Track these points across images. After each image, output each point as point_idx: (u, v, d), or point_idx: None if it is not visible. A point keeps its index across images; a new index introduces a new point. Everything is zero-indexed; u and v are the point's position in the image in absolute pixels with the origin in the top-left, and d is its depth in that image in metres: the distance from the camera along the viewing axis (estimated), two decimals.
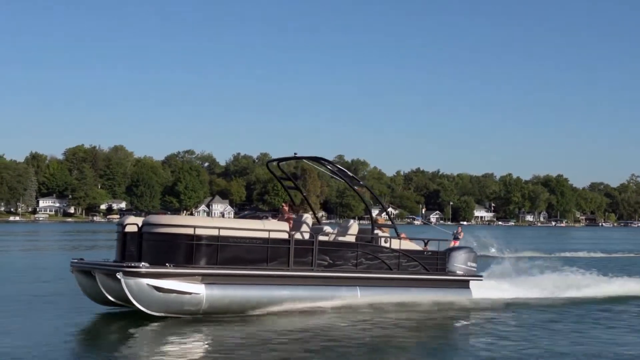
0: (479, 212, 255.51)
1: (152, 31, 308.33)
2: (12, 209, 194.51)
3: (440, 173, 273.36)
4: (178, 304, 16.76)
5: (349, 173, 20.34)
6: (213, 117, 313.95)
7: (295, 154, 20.41)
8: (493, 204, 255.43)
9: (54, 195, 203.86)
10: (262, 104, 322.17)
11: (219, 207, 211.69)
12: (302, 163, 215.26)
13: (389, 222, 21.21)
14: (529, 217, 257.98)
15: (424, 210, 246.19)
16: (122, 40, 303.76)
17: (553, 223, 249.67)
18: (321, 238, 18.80)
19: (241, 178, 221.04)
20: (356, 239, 19.63)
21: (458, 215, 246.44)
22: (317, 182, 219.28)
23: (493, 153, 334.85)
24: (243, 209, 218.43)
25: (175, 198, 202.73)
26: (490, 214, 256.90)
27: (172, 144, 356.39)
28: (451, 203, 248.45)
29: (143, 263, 16.53)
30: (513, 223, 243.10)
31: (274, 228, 18.03)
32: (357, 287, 19.06)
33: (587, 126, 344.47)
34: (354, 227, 19.85)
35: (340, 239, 19.45)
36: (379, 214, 22.31)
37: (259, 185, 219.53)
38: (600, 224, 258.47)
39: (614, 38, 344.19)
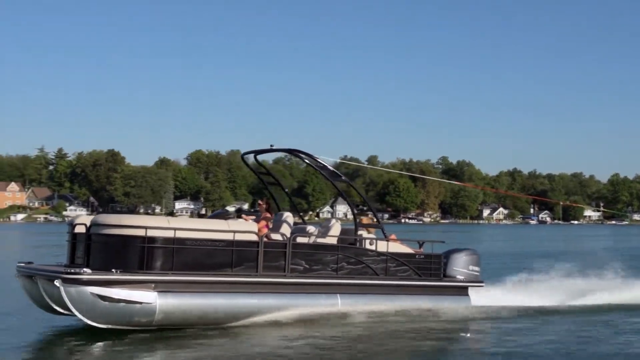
0: (586, 212, 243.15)
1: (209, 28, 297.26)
2: (149, 211, 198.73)
3: (537, 173, 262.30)
4: (127, 315, 13.86)
5: (330, 167, 17.00)
6: (304, 120, 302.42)
7: (271, 145, 17.25)
8: (602, 203, 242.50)
9: (188, 197, 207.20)
10: (367, 106, 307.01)
11: (342, 207, 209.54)
12: (422, 165, 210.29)
13: (376, 222, 17.65)
14: (636, 216, 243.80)
15: (532, 210, 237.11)
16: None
17: None
18: (296, 240, 15.71)
19: (357, 179, 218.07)
20: (338, 240, 16.32)
21: (568, 215, 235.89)
22: (436, 183, 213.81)
23: (573, 152, 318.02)
24: (362, 210, 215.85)
25: (304, 200, 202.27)
26: (597, 214, 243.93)
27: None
28: (561, 203, 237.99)
29: (85, 269, 13.78)
30: (627, 222, 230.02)
31: (240, 229, 15.05)
32: (338, 295, 15.74)
33: None
34: (335, 227, 16.41)
35: (320, 240, 16.18)
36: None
37: (376, 186, 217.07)
38: None
39: None
